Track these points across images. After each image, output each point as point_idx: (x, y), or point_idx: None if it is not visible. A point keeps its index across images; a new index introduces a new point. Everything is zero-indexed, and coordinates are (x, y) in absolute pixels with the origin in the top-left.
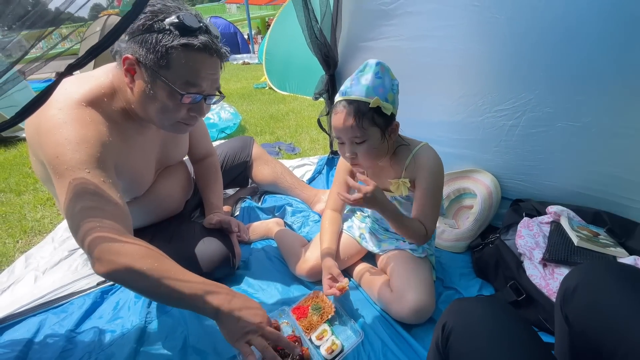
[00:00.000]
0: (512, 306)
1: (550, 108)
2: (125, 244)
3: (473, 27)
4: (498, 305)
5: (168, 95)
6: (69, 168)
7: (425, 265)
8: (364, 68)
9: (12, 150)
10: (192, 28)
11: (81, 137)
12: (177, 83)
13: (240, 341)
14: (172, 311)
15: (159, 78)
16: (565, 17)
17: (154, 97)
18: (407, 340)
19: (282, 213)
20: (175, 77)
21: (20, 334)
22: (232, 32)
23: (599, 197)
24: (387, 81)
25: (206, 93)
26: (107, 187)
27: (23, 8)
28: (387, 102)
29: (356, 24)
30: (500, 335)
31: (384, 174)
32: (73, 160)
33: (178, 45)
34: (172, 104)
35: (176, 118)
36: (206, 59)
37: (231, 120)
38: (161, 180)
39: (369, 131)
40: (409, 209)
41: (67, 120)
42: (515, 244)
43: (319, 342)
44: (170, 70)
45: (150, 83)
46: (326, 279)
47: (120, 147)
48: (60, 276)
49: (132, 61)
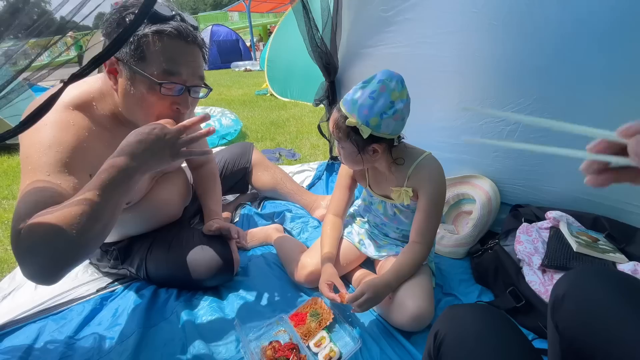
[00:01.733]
0: (512, 312)
1: (548, 113)
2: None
3: (471, 34)
4: (490, 313)
5: (148, 89)
6: (32, 168)
7: (424, 272)
8: (369, 80)
9: (15, 157)
10: (165, 16)
11: (54, 140)
12: (155, 74)
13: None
14: (170, 318)
15: (137, 72)
16: (562, 23)
17: (136, 94)
18: (405, 347)
19: (281, 219)
20: (152, 67)
21: (20, 340)
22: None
23: (598, 202)
24: (379, 104)
25: (188, 83)
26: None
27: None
28: (367, 125)
29: (356, 31)
30: (492, 343)
31: (386, 181)
32: (38, 162)
33: (149, 32)
34: (153, 98)
35: (159, 114)
36: (182, 45)
37: (232, 127)
38: (159, 187)
39: (343, 142)
40: (408, 216)
41: (48, 122)
42: (515, 249)
43: (317, 349)
44: (146, 62)
45: (130, 80)
46: (324, 283)
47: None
48: (60, 283)
49: (112, 61)
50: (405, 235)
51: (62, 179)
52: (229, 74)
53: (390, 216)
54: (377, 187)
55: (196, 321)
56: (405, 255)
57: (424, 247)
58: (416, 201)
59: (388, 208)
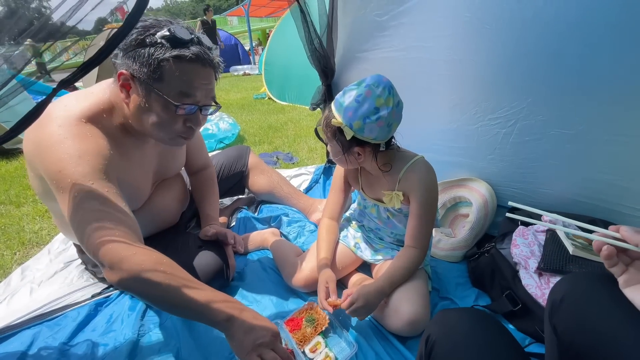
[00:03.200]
0: (509, 316)
1: (542, 116)
2: (137, 254)
3: (465, 37)
4: (481, 317)
5: (163, 108)
6: (72, 181)
7: (420, 276)
8: (359, 83)
9: (13, 162)
10: (184, 40)
11: (82, 150)
12: (171, 95)
13: (251, 354)
14: (165, 324)
15: (153, 91)
16: (556, 26)
17: (149, 110)
18: (401, 351)
19: (278, 223)
20: (169, 89)
21: (14, 346)
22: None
23: (595, 204)
24: (364, 108)
25: (201, 104)
26: (113, 197)
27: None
28: (350, 127)
29: (352, 36)
30: (483, 348)
31: (378, 184)
32: (76, 174)
33: (170, 57)
34: (167, 116)
35: (173, 131)
36: (199, 69)
37: (230, 131)
38: (158, 193)
39: (330, 141)
40: (402, 220)
41: (67, 136)
42: (511, 253)
43: (312, 355)
44: (164, 83)
45: (145, 97)
46: (322, 289)
47: (120, 161)
48: (55, 288)
49: (126, 76)
50: (400, 240)
51: (106, 185)
52: (227, 78)
53: (384, 220)
54: (370, 191)
55: (191, 327)
56: (400, 260)
57: (418, 252)
58: (408, 205)
59: (381, 212)
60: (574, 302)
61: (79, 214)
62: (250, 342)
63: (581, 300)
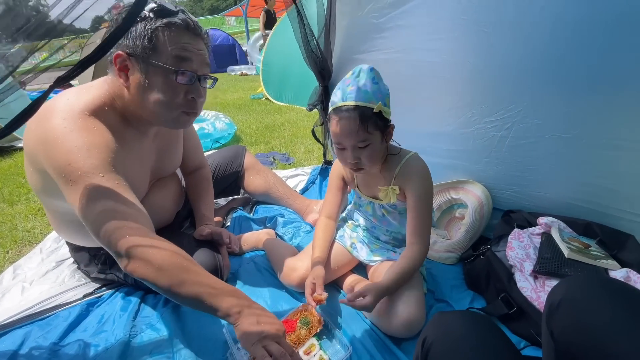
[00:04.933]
0: (504, 319)
1: (538, 119)
2: (153, 245)
3: (462, 40)
4: (478, 320)
5: (163, 79)
6: (82, 174)
7: (416, 277)
8: (358, 73)
9: (7, 160)
10: (171, 10)
11: (90, 143)
12: (169, 62)
13: (257, 345)
14: (157, 325)
15: (151, 64)
16: (553, 30)
17: (150, 87)
18: (395, 354)
19: (273, 224)
20: (166, 57)
21: (5, 346)
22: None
23: (590, 208)
24: (382, 86)
25: (199, 72)
26: (123, 190)
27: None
28: (385, 106)
29: (349, 37)
30: (479, 350)
31: (374, 181)
32: (86, 166)
33: (160, 25)
34: (169, 89)
35: (176, 106)
36: (190, 36)
37: (226, 131)
38: (154, 192)
39: (373, 135)
40: (396, 217)
41: (73, 129)
42: (506, 255)
43: (306, 357)
44: (159, 53)
45: (144, 73)
46: (309, 285)
47: (120, 155)
48: (47, 288)
49: (123, 57)
50: (395, 238)
51: (116, 178)
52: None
53: (379, 217)
54: (366, 188)
55: (184, 328)
56: (404, 260)
57: (421, 247)
58: (403, 201)
59: (376, 209)
60: (571, 305)
61: (92, 206)
62: (257, 333)
63: (579, 303)
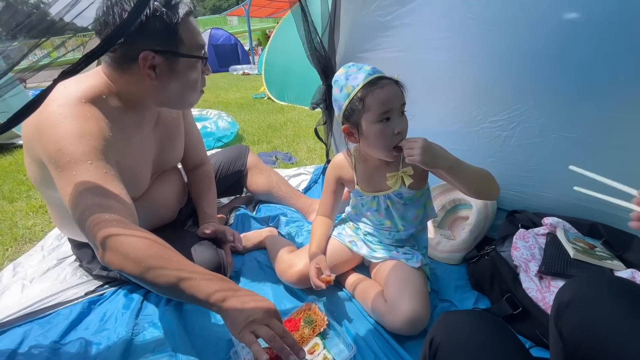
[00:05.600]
0: (509, 320)
1: (544, 119)
2: (129, 236)
3: (468, 39)
4: (487, 320)
5: (191, 67)
6: (71, 160)
7: (420, 275)
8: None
9: (7, 157)
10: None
11: (83, 130)
12: (194, 51)
13: (244, 331)
14: (159, 323)
15: (181, 56)
16: (559, 30)
17: (180, 76)
18: (399, 353)
19: (276, 223)
20: (190, 47)
21: (4, 344)
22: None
23: (595, 208)
24: None
25: None
26: (110, 179)
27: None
28: None
29: (353, 35)
30: (489, 351)
31: (376, 174)
32: (76, 153)
33: (181, 18)
34: (195, 74)
35: (199, 86)
36: (194, 20)
37: (228, 130)
38: (156, 186)
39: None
40: (399, 209)
41: (68, 115)
42: (511, 255)
43: (310, 356)
44: (184, 44)
45: (172, 64)
46: (313, 269)
47: (120, 144)
48: (48, 285)
49: (149, 56)
50: (398, 240)
51: (105, 166)
52: (226, 77)
53: (383, 211)
54: (367, 185)
55: (187, 326)
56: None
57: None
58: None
59: (381, 202)
60: (580, 305)
61: (76, 194)
62: (243, 319)
63: (588, 303)
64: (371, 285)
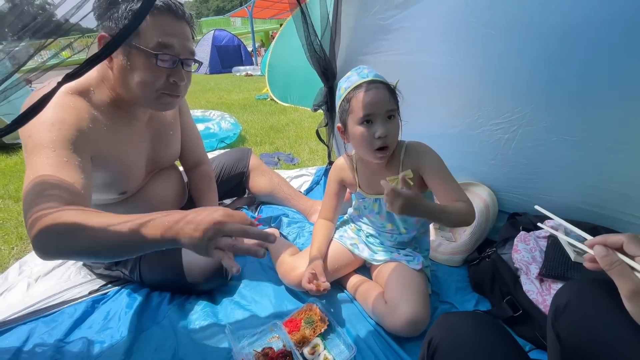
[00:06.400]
0: (509, 322)
1: (545, 122)
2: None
3: (469, 42)
4: (486, 321)
5: (145, 62)
6: (37, 146)
7: (420, 277)
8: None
9: (13, 157)
10: None
11: (58, 119)
12: (150, 46)
13: (209, 250)
14: (162, 322)
15: (132, 46)
16: (560, 33)
17: (132, 69)
18: (399, 354)
19: (278, 224)
20: (147, 41)
21: (9, 342)
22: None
23: (597, 211)
24: None
25: (182, 56)
26: (70, 168)
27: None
28: None
29: (354, 38)
30: (487, 352)
31: (377, 177)
32: (42, 139)
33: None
34: (149, 71)
35: (157, 87)
36: (172, 20)
37: (231, 130)
38: (154, 183)
39: (396, 109)
40: None
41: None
42: (512, 258)
43: (311, 357)
44: (141, 36)
45: (125, 55)
46: (306, 274)
47: (104, 136)
48: (52, 284)
49: (106, 39)
50: (400, 242)
51: (68, 155)
52: (229, 78)
53: (385, 214)
54: (369, 187)
55: (189, 326)
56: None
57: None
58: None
59: (382, 205)
60: (578, 308)
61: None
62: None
63: (585, 306)
64: (372, 287)
